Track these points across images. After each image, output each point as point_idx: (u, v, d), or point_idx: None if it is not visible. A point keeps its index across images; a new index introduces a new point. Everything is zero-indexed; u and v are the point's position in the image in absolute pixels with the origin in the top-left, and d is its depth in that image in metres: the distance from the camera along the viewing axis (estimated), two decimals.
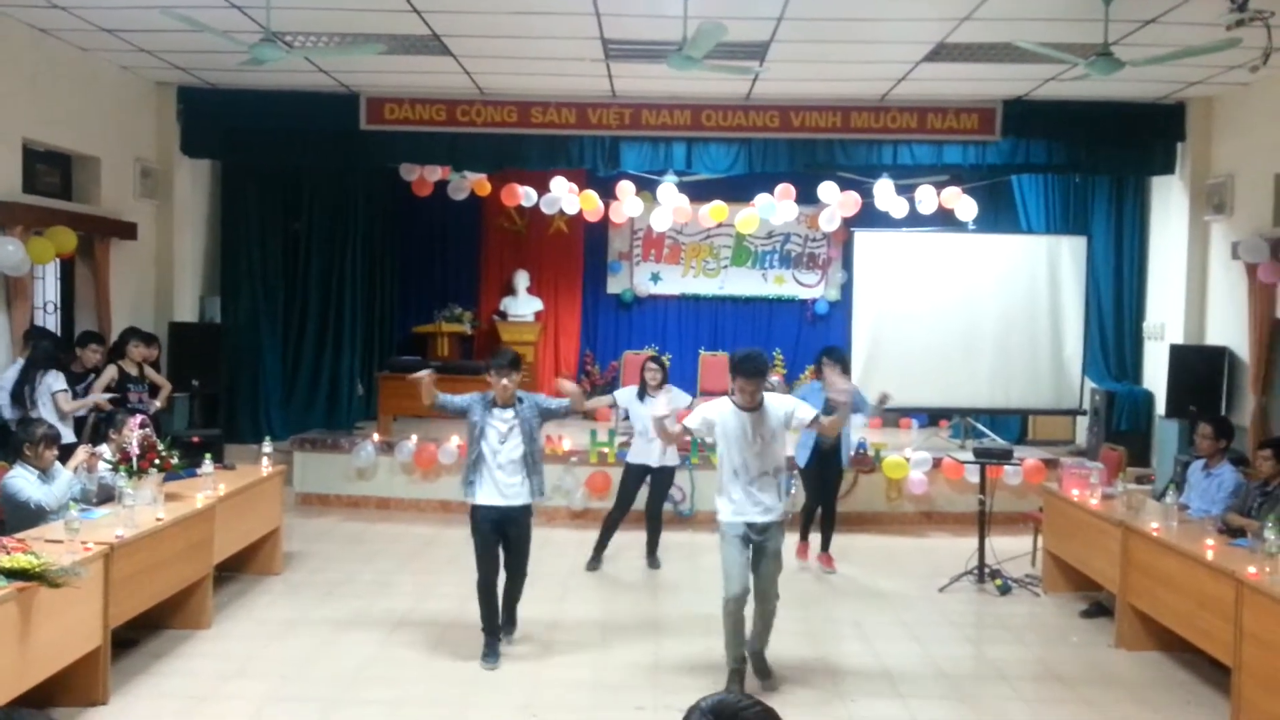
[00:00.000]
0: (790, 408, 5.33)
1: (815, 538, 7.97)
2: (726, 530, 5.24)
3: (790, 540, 6.56)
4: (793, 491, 7.47)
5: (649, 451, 7.62)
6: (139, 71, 9.39)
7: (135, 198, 9.51)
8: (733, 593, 5.19)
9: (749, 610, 5.29)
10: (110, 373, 8.02)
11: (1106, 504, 6.68)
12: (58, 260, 8.57)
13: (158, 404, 8.30)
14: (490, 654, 5.65)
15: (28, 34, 7.97)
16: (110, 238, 9.03)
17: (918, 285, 10.35)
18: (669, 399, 7.45)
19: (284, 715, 4.98)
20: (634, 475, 7.81)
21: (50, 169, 8.72)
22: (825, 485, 7.85)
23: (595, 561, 7.79)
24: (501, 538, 5.76)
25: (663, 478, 7.81)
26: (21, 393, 7.31)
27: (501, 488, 5.68)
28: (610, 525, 7.83)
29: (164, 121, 9.89)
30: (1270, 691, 4.64)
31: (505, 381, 5.69)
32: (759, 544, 5.23)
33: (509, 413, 5.73)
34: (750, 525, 5.19)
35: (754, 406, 5.19)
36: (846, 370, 7.75)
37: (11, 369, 7.50)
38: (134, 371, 8.20)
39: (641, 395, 7.63)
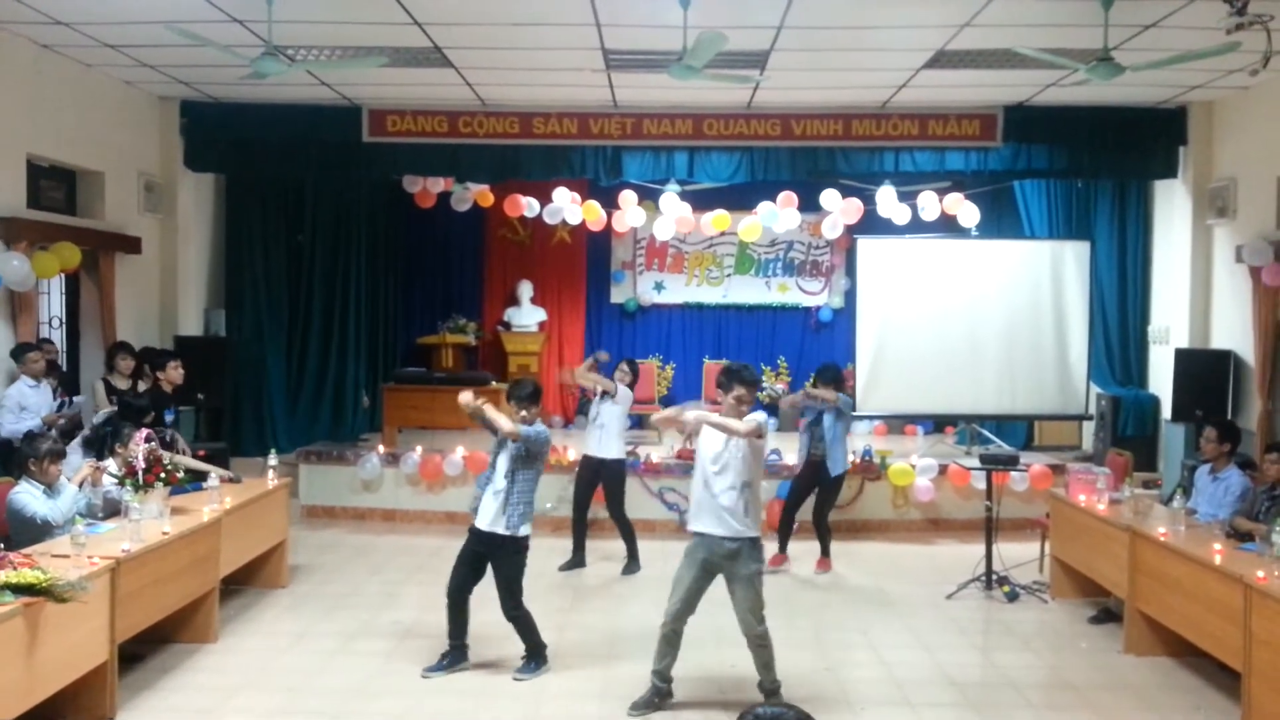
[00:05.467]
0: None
1: (794, 547, 8.09)
2: (689, 547, 5.19)
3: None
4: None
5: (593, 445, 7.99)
6: (142, 86, 9.43)
7: (139, 212, 9.54)
8: (670, 610, 5.15)
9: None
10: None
11: (1114, 509, 6.66)
12: (62, 275, 8.59)
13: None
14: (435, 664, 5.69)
15: (31, 50, 8.01)
16: (115, 252, 9.06)
17: (921, 292, 10.34)
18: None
19: None
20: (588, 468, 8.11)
21: (54, 184, 8.75)
22: (820, 495, 8.02)
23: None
24: (482, 561, 5.68)
25: (607, 474, 7.99)
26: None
27: (483, 512, 5.62)
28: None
29: (167, 136, 9.92)
30: None
31: (524, 414, 5.62)
32: (727, 572, 5.11)
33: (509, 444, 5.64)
34: (703, 537, 5.10)
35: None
36: (840, 386, 7.96)
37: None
38: (168, 390, 8.13)
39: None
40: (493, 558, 5.60)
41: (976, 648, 6.43)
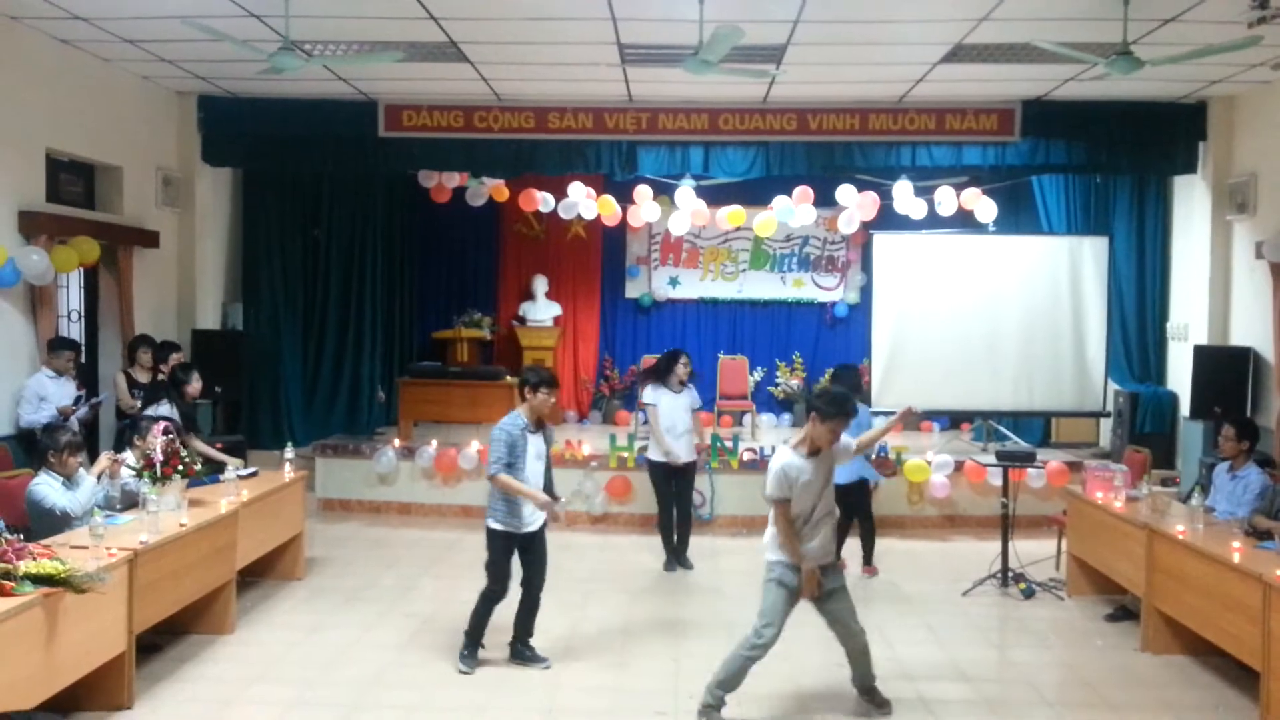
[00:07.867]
0: (841, 443, 5.07)
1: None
2: (782, 575, 4.92)
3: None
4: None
5: (678, 449, 7.72)
6: (160, 81, 9.47)
7: (157, 206, 9.60)
8: (768, 638, 4.88)
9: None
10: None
11: (1131, 507, 6.63)
12: (81, 269, 8.65)
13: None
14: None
15: (50, 45, 8.06)
16: (133, 246, 9.11)
17: (938, 287, 10.29)
18: (691, 399, 7.77)
19: (307, 719, 5.01)
20: (661, 473, 7.86)
21: (73, 178, 8.81)
22: (858, 501, 7.81)
23: (672, 563, 7.90)
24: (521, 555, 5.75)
25: (688, 475, 7.86)
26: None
27: (532, 510, 5.67)
28: (665, 528, 7.96)
29: (185, 130, 9.97)
30: None
31: (553, 400, 5.68)
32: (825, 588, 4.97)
33: (539, 437, 5.68)
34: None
35: (819, 450, 4.95)
36: (857, 388, 7.72)
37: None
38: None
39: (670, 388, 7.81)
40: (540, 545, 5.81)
41: (992, 645, 6.41)
